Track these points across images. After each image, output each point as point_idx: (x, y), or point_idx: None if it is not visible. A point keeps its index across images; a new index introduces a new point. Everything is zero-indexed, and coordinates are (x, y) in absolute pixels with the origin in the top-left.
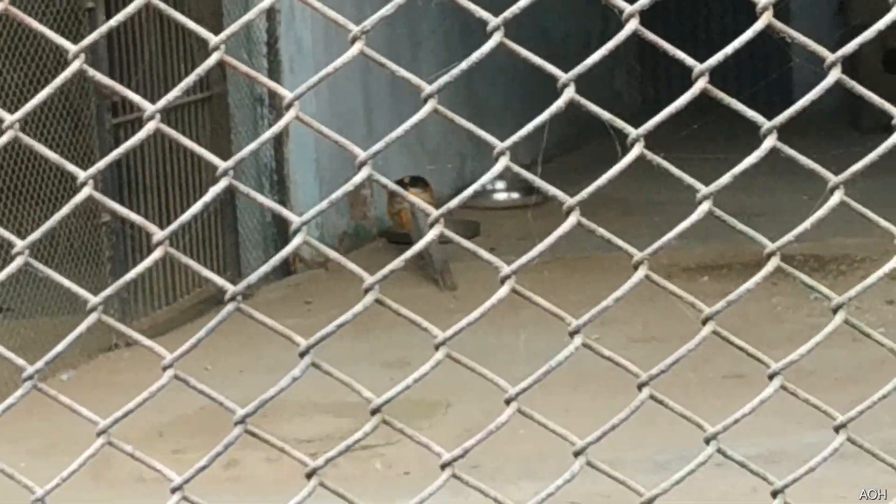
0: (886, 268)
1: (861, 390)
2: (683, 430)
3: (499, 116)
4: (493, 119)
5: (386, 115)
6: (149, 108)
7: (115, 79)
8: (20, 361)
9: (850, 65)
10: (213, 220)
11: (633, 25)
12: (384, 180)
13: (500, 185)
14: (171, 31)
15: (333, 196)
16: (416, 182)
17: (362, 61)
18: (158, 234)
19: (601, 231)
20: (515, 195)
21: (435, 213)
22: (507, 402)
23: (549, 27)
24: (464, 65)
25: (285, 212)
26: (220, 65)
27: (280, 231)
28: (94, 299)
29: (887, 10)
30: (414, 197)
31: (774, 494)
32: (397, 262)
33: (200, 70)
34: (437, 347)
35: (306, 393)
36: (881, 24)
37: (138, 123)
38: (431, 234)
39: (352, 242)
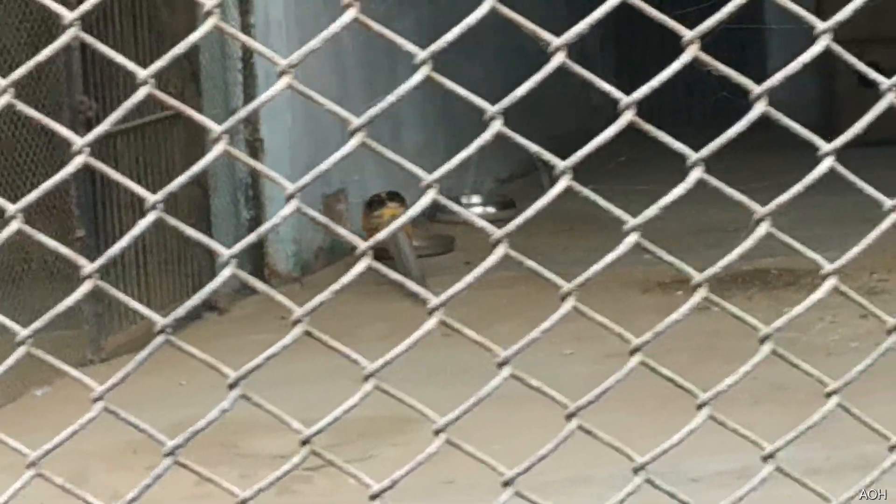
0: (814, 297)
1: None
2: (656, 446)
3: (477, 133)
4: (472, 136)
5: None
6: (77, 142)
7: (90, 95)
8: None
9: (827, 78)
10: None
11: (560, 58)
12: (312, 213)
13: (476, 199)
14: (146, 47)
15: (261, 229)
16: (394, 197)
17: (339, 78)
18: (87, 267)
19: (529, 263)
20: (491, 209)
21: (363, 245)
22: (436, 432)
23: (525, 43)
24: (391, 98)
25: (213, 244)
26: (196, 80)
27: (255, 248)
28: (23, 332)
29: (863, 24)
30: (335, 227)
31: None
32: (326, 295)
33: (128, 104)
34: (365, 378)
35: (280, 409)
36: (807, 57)
37: (113, 140)
38: (360, 267)
39: (327, 257)
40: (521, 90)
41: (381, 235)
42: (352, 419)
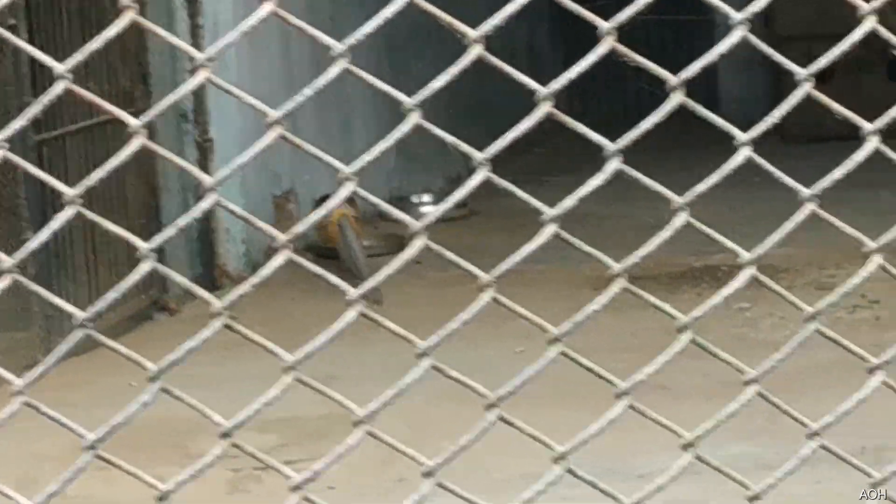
0: (732, 287)
1: (787, 398)
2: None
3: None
4: (421, 130)
5: (311, 129)
6: None
7: (38, 95)
8: None
9: (777, 73)
10: (138, 236)
11: (477, 51)
12: (231, 206)
13: (427, 198)
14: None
15: (180, 221)
16: None
17: (286, 76)
18: (6, 262)
19: (449, 255)
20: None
21: (282, 238)
22: (356, 424)
23: None
24: (307, 91)
25: (131, 237)
26: (145, 81)
27: (205, 248)
28: None
29: (811, 20)
30: (256, 221)
31: None
32: (245, 287)
33: (44, 99)
34: (284, 371)
35: (231, 410)
36: (723, 48)
37: (62, 140)
38: (280, 260)
39: None
40: (437, 83)
41: (298, 229)
42: (305, 418)
